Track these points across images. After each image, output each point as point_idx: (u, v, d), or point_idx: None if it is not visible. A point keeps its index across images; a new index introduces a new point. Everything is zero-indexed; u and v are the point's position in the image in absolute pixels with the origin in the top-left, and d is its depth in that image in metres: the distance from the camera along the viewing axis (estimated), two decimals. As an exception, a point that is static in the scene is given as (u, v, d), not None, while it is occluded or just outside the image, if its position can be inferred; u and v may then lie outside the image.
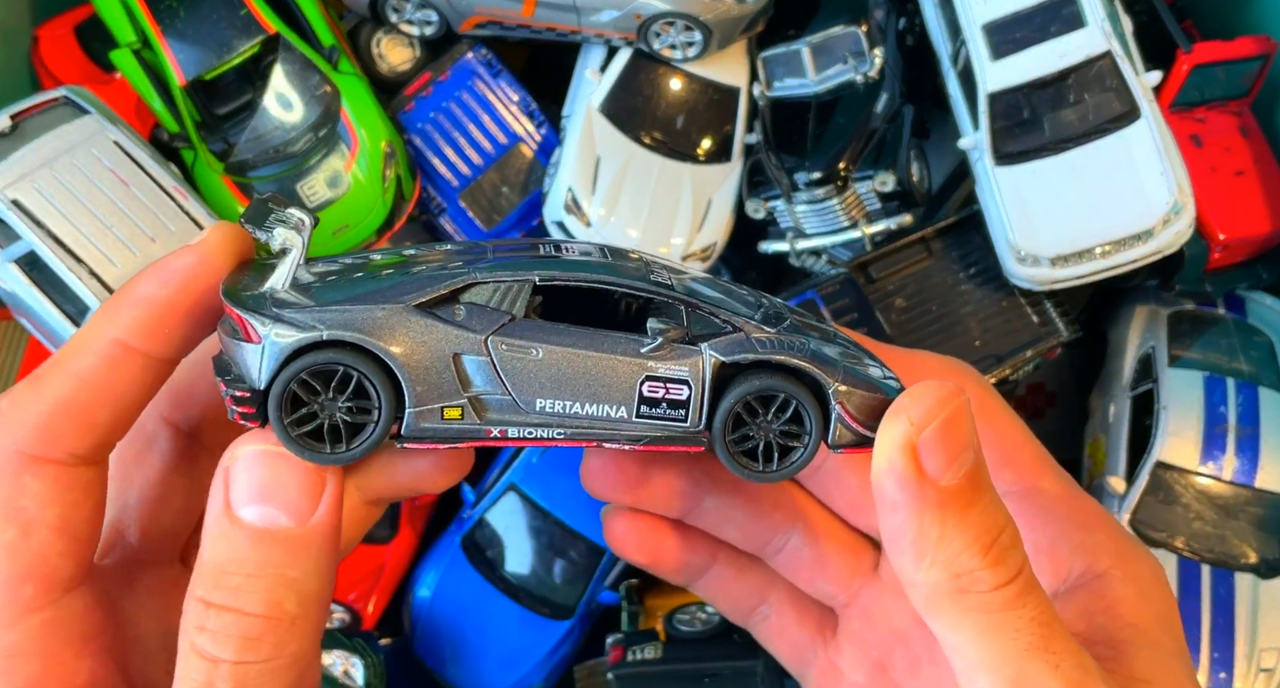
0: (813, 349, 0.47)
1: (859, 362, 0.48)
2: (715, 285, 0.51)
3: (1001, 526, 0.43)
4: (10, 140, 1.15)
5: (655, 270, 0.49)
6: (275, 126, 1.31)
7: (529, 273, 0.45)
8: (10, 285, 1.15)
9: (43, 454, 0.45)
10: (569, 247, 0.51)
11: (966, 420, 0.42)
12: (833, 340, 0.50)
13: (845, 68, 1.38)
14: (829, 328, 0.52)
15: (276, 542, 0.42)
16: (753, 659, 1.22)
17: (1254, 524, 1.18)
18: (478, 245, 0.51)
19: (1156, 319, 1.34)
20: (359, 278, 0.47)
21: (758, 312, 0.49)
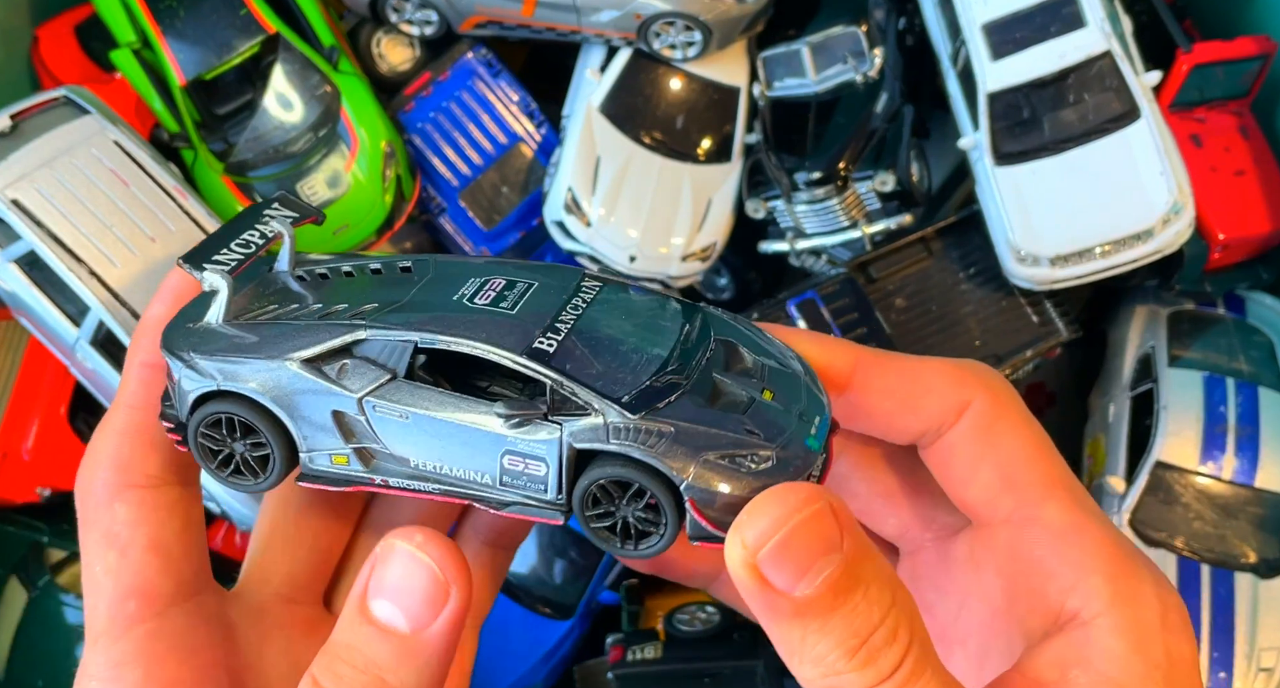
0: (672, 441, 0.45)
1: (739, 449, 0.45)
2: (647, 314, 0.49)
3: (875, 623, 0.40)
4: (10, 140, 1.15)
5: (574, 311, 0.48)
6: (275, 126, 1.31)
7: (411, 334, 0.46)
8: (10, 285, 1.15)
9: (124, 481, 0.50)
10: (504, 282, 0.49)
11: (818, 528, 0.40)
12: (738, 410, 0.47)
13: (845, 68, 1.38)
14: (748, 388, 0.48)
15: (389, 643, 0.43)
16: (753, 659, 1.22)
17: (1254, 524, 1.18)
18: (429, 264, 0.52)
19: (1156, 319, 1.34)
20: (269, 324, 0.49)
21: (648, 376, 0.46)
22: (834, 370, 0.50)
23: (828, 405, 0.49)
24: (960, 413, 0.49)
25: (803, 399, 0.48)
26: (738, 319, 0.52)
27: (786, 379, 0.49)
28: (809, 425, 0.47)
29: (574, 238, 1.35)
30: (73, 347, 1.16)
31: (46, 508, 1.31)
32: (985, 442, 0.48)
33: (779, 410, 0.47)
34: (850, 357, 0.50)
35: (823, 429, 0.48)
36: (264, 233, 0.53)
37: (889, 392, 0.50)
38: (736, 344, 0.50)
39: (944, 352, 1.27)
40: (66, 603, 1.25)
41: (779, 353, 0.51)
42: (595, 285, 0.51)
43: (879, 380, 0.50)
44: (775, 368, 0.49)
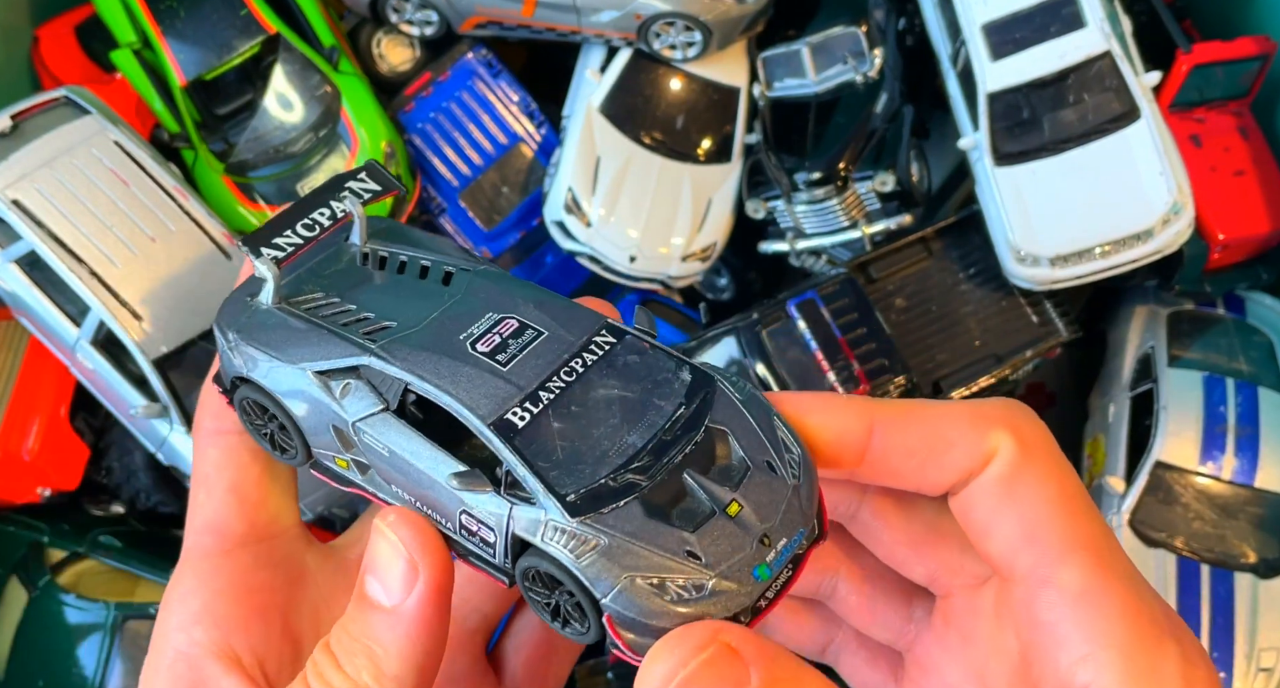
0: (601, 554, 0.43)
1: (671, 574, 0.43)
2: (646, 387, 0.47)
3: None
4: (11, 140, 1.15)
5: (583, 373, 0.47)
6: (275, 126, 1.31)
7: (404, 374, 0.47)
8: (10, 285, 1.15)
9: (217, 428, 0.54)
10: (516, 325, 0.48)
11: (716, 672, 0.40)
12: (690, 524, 0.44)
13: (845, 68, 1.38)
14: (716, 496, 0.45)
15: (376, 616, 0.46)
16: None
17: (1253, 524, 1.18)
18: (467, 278, 0.51)
19: (1156, 319, 1.34)
20: (304, 319, 0.51)
21: (607, 472, 0.44)
22: (850, 437, 0.47)
23: (810, 521, 0.46)
24: (985, 463, 0.46)
25: (778, 514, 0.45)
26: (751, 399, 0.48)
27: (769, 487, 0.45)
28: (768, 551, 0.44)
29: (574, 238, 1.35)
30: (73, 347, 1.16)
31: (46, 508, 1.31)
32: (1007, 495, 0.45)
33: (736, 531, 0.44)
34: (865, 419, 0.47)
35: (787, 551, 0.45)
36: (334, 212, 0.53)
37: (910, 452, 0.47)
38: (728, 435, 0.46)
39: (944, 352, 1.27)
40: (66, 603, 1.25)
41: (779, 447, 0.46)
42: (608, 342, 0.48)
43: (898, 440, 0.47)
44: (762, 470, 0.45)
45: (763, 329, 1.22)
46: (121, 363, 1.16)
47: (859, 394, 1.19)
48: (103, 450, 1.33)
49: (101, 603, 1.23)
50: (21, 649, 1.26)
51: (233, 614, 0.51)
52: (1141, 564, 1.16)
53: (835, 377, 1.20)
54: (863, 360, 1.20)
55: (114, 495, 1.36)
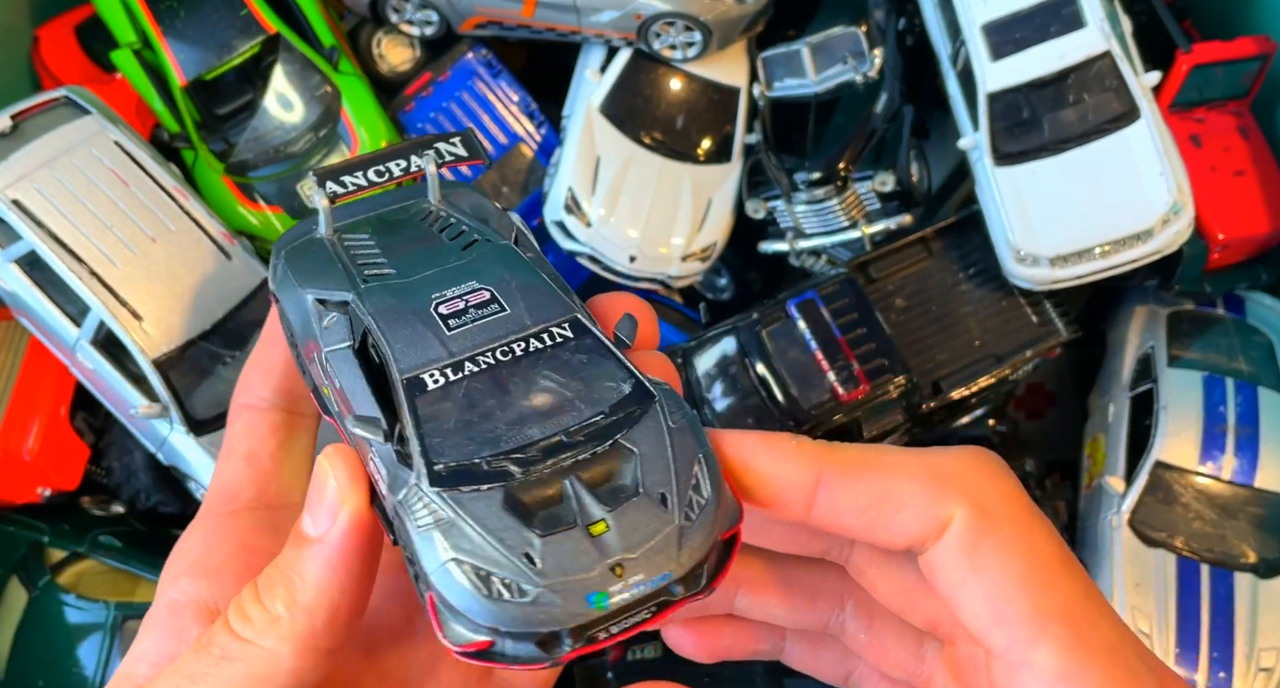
0: (438, 528, 0.41)
1: (499, 569, 0.41)
2: (580, 387, 0.45)
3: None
4: (11, 140, 1.15)
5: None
6: (275, 126, 1.31)
7: (366, 318, 0.46)
8: (10, 285, 1.15)
9: (242, 402, 0.56)
10: (487, 296, 0.47)
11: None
12: (546, 529, 0.42)
13: (845, 68, 1.38)
14: (589, 512, 0.42)
15: (298, 546, 0.45)
16: (753, 659, 1.22)
17: (1253, 524, 1.18)
18: (481, 248, 0.50)
19: (1156, 319, 1.34)
20: (336, 254, 0.51)
21: (488, 453, 0.43)
22: (794, 488, 0.44)
23: (685, 569, 0.42)
24: (942, 530, 0.43)
25: (645, 549, 0.41)
26: (683, 430, 0.44)
27: (649, 519, 0.42)
28: (615, 582, 0.41)
29: (574, 238, 1.35)
30: (73, 347, 1.16)
31: (46, 508, 1.31)
32: (970, 567, 0.42)
33: (589, 550, 0.41)
34: (812, 470, 0.44)
35: (641, 588, 0.41)
36: (409, 166, 0.53)
37: (858, 510, 0.44)
38: (635, 457, 0.43)
39: (944, 352, 1.27)
40: (66, 603, 1.25)
41: (686, 485, 0.43)
42: (563, 335, 0.46)
43: (846, 496, 0.44)
44: (652, 501, 0.42)
45: (763, 329, 1.22)
46: (121, 363, 1.16)
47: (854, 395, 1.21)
48: (103, 450, 1.33)
49: (101, 603, 1.23)
50: (21, 649, 1.26)
51: (224, 569, 0.51)
52: (1141, 564, 1.17)
53: (835, 377, 1.20)
54: (863, 360, 1.20)
55: (114, 495, 1.36)
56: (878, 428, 1.21)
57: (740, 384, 1.23)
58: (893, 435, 1.25)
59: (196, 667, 0.45)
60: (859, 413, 1.19)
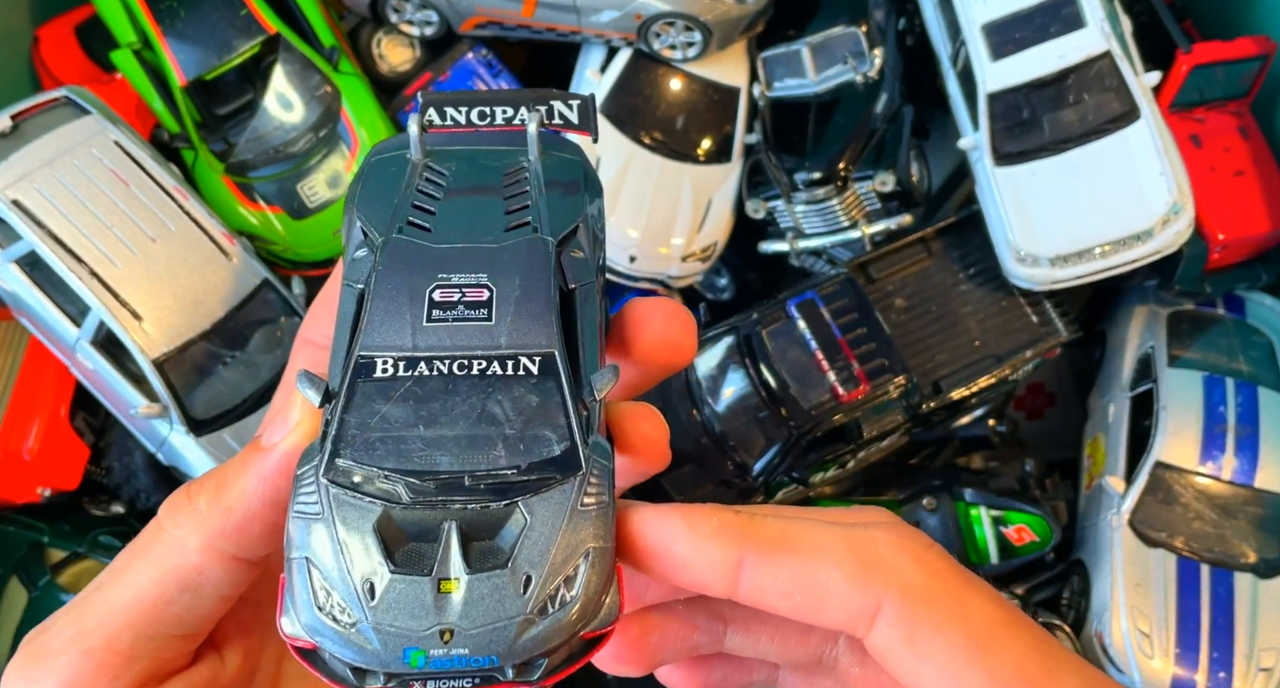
0: (300, 520, 0.41)
1: (332, 592, 0.40)
2: (522, 422, 0.43)
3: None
4: (11, 140, 1.15)
5: None
6: (275, 127, 1.31)
7: (377, 268, 0.45)
8: (10, 285, 1.15)
9: (305, 337, 0.51)
10: (486, 295, 0.45)
11: None
12: (400, 569, 0.40)
13: (845, 68, 1.38)
14: (454, 566, 0.40)
15: (247, 449, 0.46)
16: None
17: (1253, 524, 1.18)
18: (517, 247, 0.47)
19: (1156, 319, 1.34)
20: (403, 183, 0.50)
21: (388, 467, 0.41)
22: (715, 571, 0.43)
23: (511, 661, 0.40)
24: (873, 617, 0.42)
25: (481, 627, 0.39)
26: (586, 517, 0.41)
27: (500, 599, 0.40)
28: (437, 645, 0.39)
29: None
30: (73, 347, 1.16)
31: (46, 508, 1.31)
32: (913, 652, 0.41)
33: (427, 605, 0.39)
34: (733, 554, 0.43)
35: (458, 663, 0.39)
36: (511, 116, 0.51)
37: (783, 595, 0.42)
38: (524, 529, 0.41)
39: (944, 351, 1.27)
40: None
41: (559, 579, 0.40)
42: (527, 370, 0.43)
43: (769, 581, 0.42)
44: (514, 581, 0.40)
45: (763, 329, 1.22)
46: (121, 363, 1.16)
47: (854, 395, 1.20)
48: (103, 450, 1.33)
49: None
50: (21, 649, 1.26)
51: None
52: (1142, 564, 1.17)
53: (835, 377, 1.20)
54: (863, 360, 1.20)
55: (114, 495, 1.36)
56: (878, 428, 1.21)
57: (740, 384, 1.23)
58: (893, 435, 1.25)
59: (121, 560, 0.45)
60: (859, 413, 1.19)
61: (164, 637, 0.44)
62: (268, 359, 1.24)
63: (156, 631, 0.44)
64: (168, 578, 0.44)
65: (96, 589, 0.46)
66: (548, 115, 0.51)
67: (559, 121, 0.51)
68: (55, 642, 0.44)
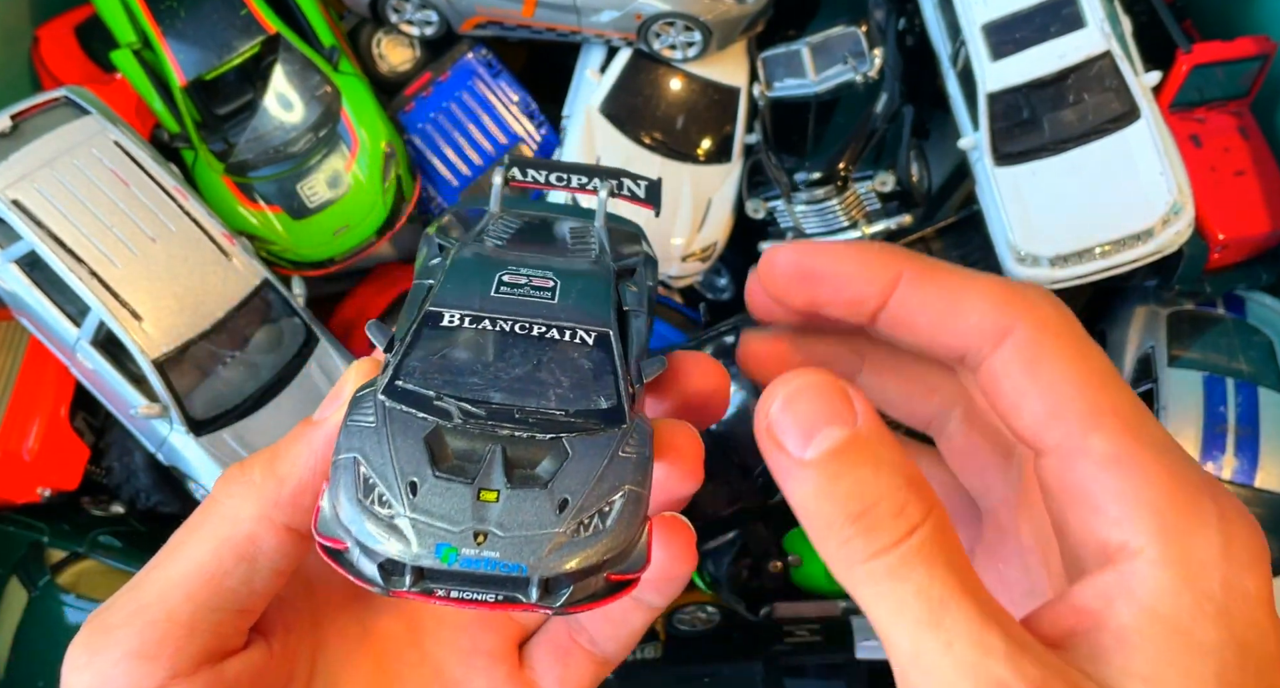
0: (363, 431, 0.43)
1: (382, 485, 0.41)
2: (577, 378, 0.45)
3: (879, 496, 0.41)
4: (10, 140, 1.15)
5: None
6: (275, 127, 1.31)
7: (443, 262, 0.49)
8: (10, 285, 1.15)
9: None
10: (552, 282, 0.48)
11: (827, 398, 0.42)
12: (440, 471, 0.42)
13: (845, 68, 1.38)
14: (492, 480, 0.42)
15: (300, 426, 0.47)
16: (753, 660, 1.22)
17: (1253, 524, 1.18)
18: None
19: (1156, 319, 1.34)
20: (478, 232, 0.53)
21: (449, 391, 0.43)
22: (875, 285, 0.48)
23: (536, 575, 0.41)
24: (1002, 338, 0.46)
25: (515, 534, 0.41)
26: (628, 464, 0.43)
27: (537, 514, 0.41)
28: (471, 546, 0.40)
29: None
30: (73, 347, 1.16)
31: (46, 508, 1.31)
32: (1029, 371, 0.45)
33: (466, 509, 0.41)
34: (893, 269, 0.48)
35: (488, 566, 0.40)
36: (584, 182, 0.54)
37: (926, 307, 0.48)
38: (566, 458, 0.43)
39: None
40: (66, 603, 1.25)
41: (590, 503, 0.42)
42: (584, 339, 0.46)
43: (919, 295, 0.48)
44: (550, 501, 0.42)
45: (763, 329, 1.22)
46: (121, 363, 1.16)
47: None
48: (103, 450, 1.33)
49: (101, 603, 1.23)
50: (21, 649, 1.26)
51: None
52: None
53: (835, 377, 1.20)
54: (863, 360, 1.20)
55: (114, 496, 1.36)
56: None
57: (741, 384, 1.23)
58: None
59: (177, 537, 0.46)
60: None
61: (222, 610, 0.45)
62: (268, 359, 1.24)
63: (216, 603, 0.45)
64: (223, 549, 0.45)
65: (154, 568, 0.47)
66: (617, 187, 0.54)
67: (626, 194, 0.54)
68: (117, 616, 0.45)
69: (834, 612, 1.27)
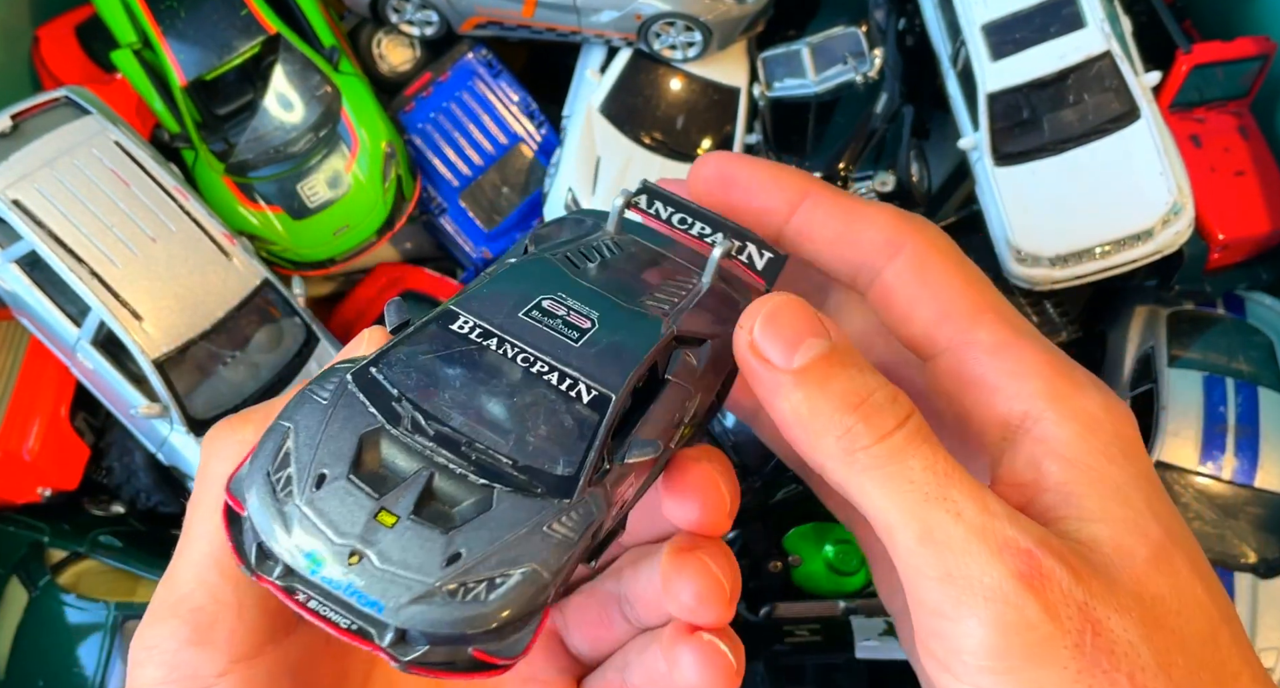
0: (306, 406, 0.41)
1: (291, 468, 0.40)
2: (556, 423, 0.42)
3: (871, 388, 0.44)
4: (11, 140, 1.15)
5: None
6: (276, 127, 1.32)
7: (495, 267, 0.48)
8: (10, 285, 1.15)
9: None
10: (594, 322, 0.45)
11: (803, 312, 0.45)
12: (361, 487, 0.39)
13: (845, 68, 1.38)
14: (396, 504, 0.39)
15: (294, 390, 0.48)
16: (753, 660, 1.22)
17: (1253, 524, 1.18)
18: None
19: (1156, 319, 1.34)
20: (589, 239, 0.52)
21: (433, 416, 0.41)
22: (782, 197, 0.52)
23: (387, 618, 0.37)
24: (895, 252, 0.50)
25: (388, 571, 0.37)
26: (552, 544, 0.39)
27: (419, 558, 0.38)
28: (337, 565, 0.37)
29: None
30: (73, 347, 1.16)
31: (47, 508, 1.31)
32: (920, 280, 0.50)
33: (354, 523, 0.38)
34: (801, 187, 0.53)
35: (346, 592, 0.37)
36: (705, 233, 0.52)
37: (829, 221, 0.52)
38: (486, 513, 0.39)
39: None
40: (67, 603, 1.25)
41: (485, 578, 0.38)
42: (580, 397, 0.42)
43: (822, 211, 0.52)
44: (440, 549, 0.38)
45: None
46: (121, 363, 1.16)
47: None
48: (103, 450, 1.33)
49: (101, 603, 1.23)
50: (21, 649, 1.26)
51: None
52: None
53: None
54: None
55: (114, 496, 1.36)
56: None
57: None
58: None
59: (188, 515, 0.47)
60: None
61: None
62: (268, 359, 1.24)
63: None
64: (221, 514, 0.44)
65: (178, 555, 0.46)
66: (737, 249, 0.52)
67: (744, 260, 0.52)
68: (162, 609, 0.44)
69: (834, 612, 1.27)
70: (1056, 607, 0.40)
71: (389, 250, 1.46)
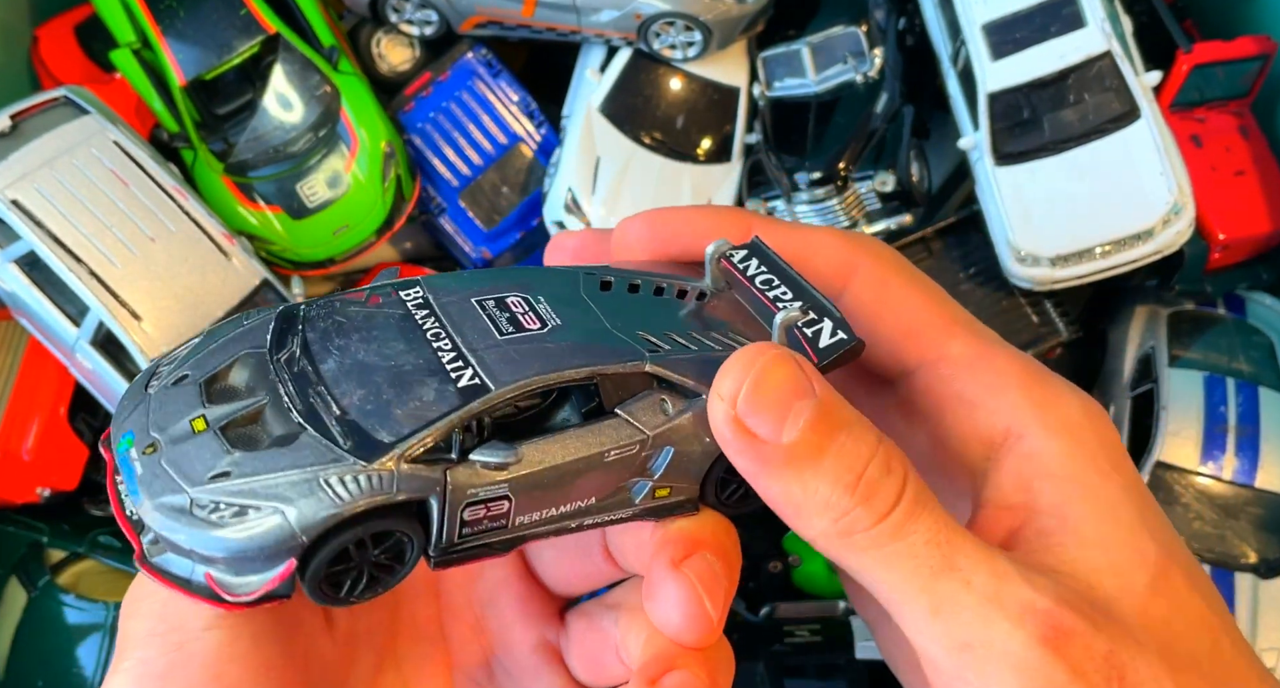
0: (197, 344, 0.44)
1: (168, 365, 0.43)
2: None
3: (867, 457, 0.41)
4: (10, 140, 1.15)
5: None
6: (275, 127, 1.31)
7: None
8: (10, 285, 1.15)
9: None
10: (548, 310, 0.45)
11: (786, 371, 0.40)
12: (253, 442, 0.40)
13: (845, 68, 1.38)
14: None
15: None
16: (753, 660, 1.22)
17: (1254, 524, 1.18)
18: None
19: (1156, 319, 1.34)
20: (660, 279, 0.52)
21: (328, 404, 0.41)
22: (728, 233, 0.50)
23: (138, 514, 0.39)
24: (850, 274, 0.50)
25: (163, 472, 0.39)
26: (330, 493, 0.39)
27: (194, 467, 0.39)
28: (135, 450, 0.39)
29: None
30: (73, 347, 1.16)
31: (46, 508, 1.31)
32: (880, 301, 0.49)
33: (172, 416, 0.40)
34: (743, 224, 0.51)
35: (124, 480, 0.39)
36: (787, 299, 0.47)
37: (781, 249, 0.49)
38: (284, 450, 0.39)
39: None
40: (66, 603, 1.25)
41: (239, 506, 0.38)
42: (461, 383, 0.41)
43: (771, 241, 0.50)
44: (216, 465, 0.39)
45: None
46: (121, 363, 1.16)
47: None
48: (102, 451, 1.33)
49: (101, 603, 1.23)
50: (21, 649, 1.26)
51: None
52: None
53: (835, 377, 1.20)
54: (863, 360, 1.20)
55: (114, 496, 1.36)
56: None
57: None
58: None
59: None
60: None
61: None
62: (267, 359, 1.24)
63: None
64: None
65: None
66: (806, 324, 0.46)
67: (806, 334, 0.46)
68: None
69: (834, 612, 1.27)
70: (1083, 665, 0.39)
71: (388, 250, 1.46)
